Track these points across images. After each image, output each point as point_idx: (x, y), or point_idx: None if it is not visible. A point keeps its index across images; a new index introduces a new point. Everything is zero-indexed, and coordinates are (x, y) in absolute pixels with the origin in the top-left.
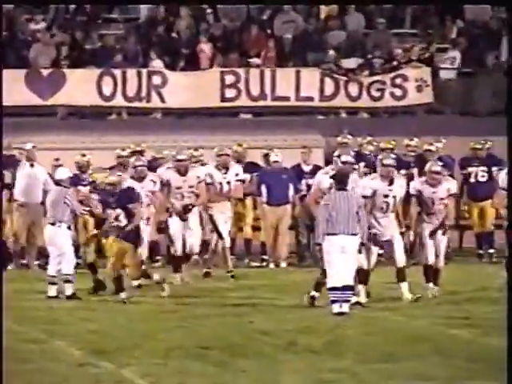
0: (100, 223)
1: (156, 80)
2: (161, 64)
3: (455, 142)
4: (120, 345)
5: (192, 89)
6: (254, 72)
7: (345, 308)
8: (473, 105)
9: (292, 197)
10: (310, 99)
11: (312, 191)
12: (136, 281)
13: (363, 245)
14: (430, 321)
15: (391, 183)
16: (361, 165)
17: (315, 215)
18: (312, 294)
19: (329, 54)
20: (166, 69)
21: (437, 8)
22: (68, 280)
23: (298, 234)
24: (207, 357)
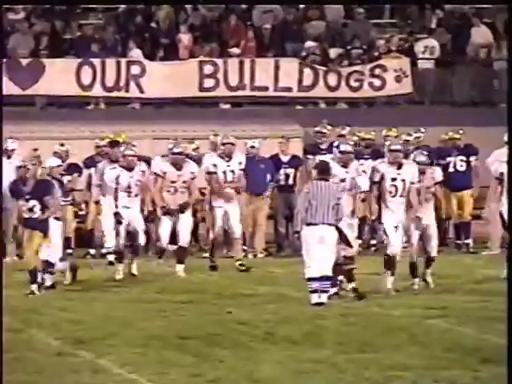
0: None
1: (135, 70)
2: (140, 54)
3: (434, 132)
4: (98, 334)
5: (171, 79)
6: (233, 62)
7: (323, 298)
8: (451, 95)
9: (270, 186)
10: (289, 89)
11: None
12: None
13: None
14: (408, 311)
15: (399, 167)
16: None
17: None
18: (352, 286)
19: (307, 45)
20: (145, 59)
21: None
22: (50, 271)
23: (277, 224)
24: (186, 346)
